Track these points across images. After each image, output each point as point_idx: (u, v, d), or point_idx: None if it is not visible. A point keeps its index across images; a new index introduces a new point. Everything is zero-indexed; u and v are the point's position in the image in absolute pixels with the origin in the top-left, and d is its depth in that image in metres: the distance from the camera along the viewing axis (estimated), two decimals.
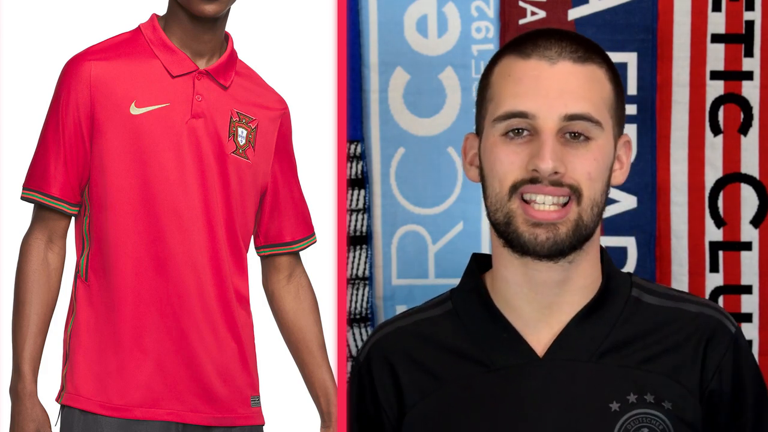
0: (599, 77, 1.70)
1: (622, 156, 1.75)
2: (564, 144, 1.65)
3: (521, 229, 1.66)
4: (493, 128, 1.68)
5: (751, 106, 2.43)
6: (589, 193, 1.66)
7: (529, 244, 1.66)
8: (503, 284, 1.73)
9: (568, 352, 1.69)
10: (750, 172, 2.43)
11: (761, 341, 2.43)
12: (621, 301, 1.73)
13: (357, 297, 2.43)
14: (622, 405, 1.67)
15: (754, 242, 2.44)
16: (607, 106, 1.70)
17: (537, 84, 1.67)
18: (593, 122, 1.66)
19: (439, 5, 2.43)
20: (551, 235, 1.65)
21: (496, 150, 1.67)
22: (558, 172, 1.64)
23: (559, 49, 1.68)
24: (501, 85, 1.70)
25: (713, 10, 2.42)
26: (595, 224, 1.69)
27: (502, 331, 1.72)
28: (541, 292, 1.71)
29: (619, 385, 1.68)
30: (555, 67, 1.67)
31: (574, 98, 1.66)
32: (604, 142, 1.68)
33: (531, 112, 1.65)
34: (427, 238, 2.45)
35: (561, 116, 1.65)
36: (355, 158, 2.42)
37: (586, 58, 1.69)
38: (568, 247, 1.66)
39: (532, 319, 1.71)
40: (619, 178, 1.75)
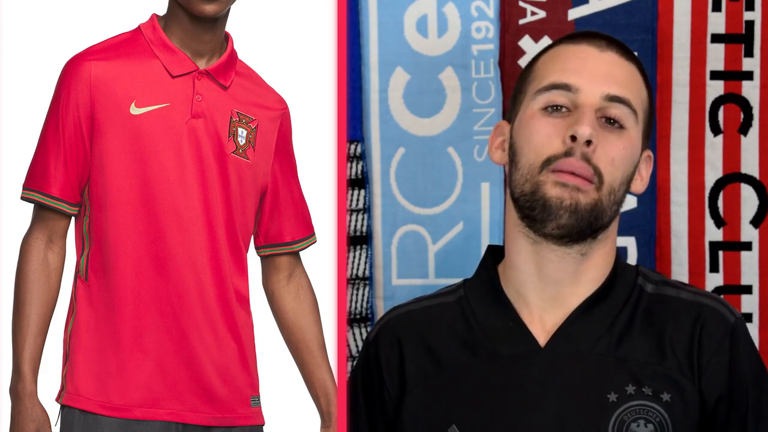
0: (640, 80, 1.77)
1: (642, 169, 1.79)
2: (600, 125, 1.69)
3: (549, 193, 1.67)
4: (534, 101, 1.72)
5: (751, 106, 2.43)
6: (609, 179, 1.69)
7: (554, 207, 1.67)
8: (514, 272, 1.75)
9: (569, 343, 1.71)
10: (750, 172, 2.43)
11: (761, 341, 2.43)
12: (626, 290, 1.75)
13: (357, 297, 2.43)
14: (620, 396, 1.68)
15: (754, 242, 2.44)
16: (642, 107, 1.75)
17: (584, 63, 1.72)
18: (631, 109, 1.71)
19: (439, 5, 2.43)
20: (574, 201, 1.67)
21: (534, 122, 1.71)
22: (592, 141, 1.66)
23: (608, 41, 1.75)
24: (547, 65, 1.75)
25: (713, 10, 2.42)
26: (612, 214, 1.71)
27: (508, 319, 1.74)
28: (550, 283, 1.73)
29: (617, 376, 1.69)
30: (603, 54, 1.74)
31: (618, 82, 1.71)
32: (635, 136, 1.73)
33: (575, 84, 1.69)
34: (427, 238, 2.44)
35: (603, 95, 1.69)
36: (355, 158, 2.42)
37: (631, 58, 1.76)
38: (585, 223, 1.68)
39: (538, 308, 1.74)
40: (638, 187, 1.79)
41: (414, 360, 1.78)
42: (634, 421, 1.67)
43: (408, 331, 1.80)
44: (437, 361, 1.76)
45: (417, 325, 1.81)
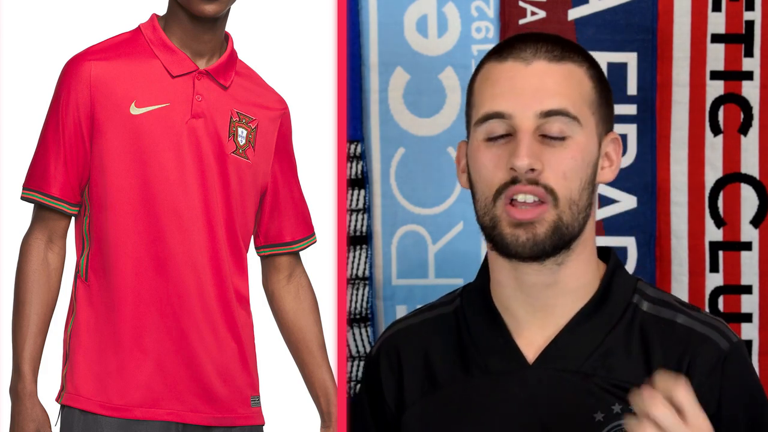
0: (577, 74, 1.70)
1: (611, 153, 1.74)
2: (541, 143, 1.66)
3: (505, 231, 1.66)
4: (476, 132, 1.70)
5: (751, 106, 2.43)
6: (565, 192, 1.66)
7: (512, 246, 1.66)
8: (498, 287, 1.74)
9: (556, 361, 1.69)
10: (750, 172, 2.43)
11: (761, 341, 2.43)
12: (618, 309, 1.72)
13: (357, 297, 2.43)
14: (607, 415, 1.66)
15: (754, 242, 2.44)
16: (587, 102, 1.69)
17: (512, 84, 1.68)
18: (570, 117, 1.66)
19: (439, 5, 2.43)
20: (530, 235, 1.65)
21: (479, 155, 1.69)
22: (534, 169, 1.64)
23: (534, 50, 1.69)
24: (480, 89, 1.71)
25: (713, 10, 2.42)
26: (579, 224, 1.68)
27: (499, 335, 1.72)
28: (532, 295, 1.71)
29: (604, 395, 1.67)
30: (530, 67, 1.68)
31: (550, 95, 1.66)
32: (584, 140, 1.68)
33: (507, 111, 1.66)
34: (427, 238, 2.44)
35: (537, 113, 1.65)
36: (355, 158, 2.42)
37: (563, 57, 1.69)
38: (549, 248, 1.66)
39: (525, 321, 1.72)
40: (608, 176, 1.74)
41: (412, 377, 1.77)
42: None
43: (407, 348, 1.79)
44: (434, 377, 1.75)
45: (415, 340, 1.79)
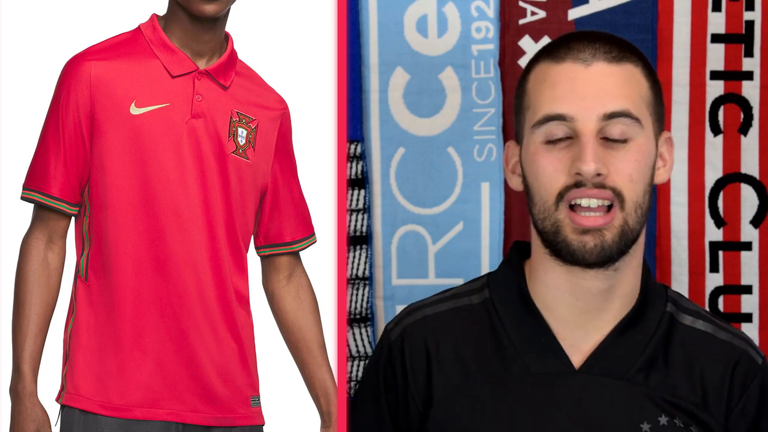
0: (635, 75, 1.68)
1: (665, 153, 1.73)
2: (604, 146, 1.64)
3: (570, 237, 1.64)
4: (533, 135, 1.67)
5: (751, 106, 2.43)
6: (632, 195, 1.64)
7: (578, 252, 1.64)
8: (543, 288, 1.71)
9: (603, 367, 1.68)
10: (750, 172, 2.44)
11: (761, 341, 2.43)
12: (656, 315, 1.72)
13: (357, 297, 2.43)
14: (653, 426, 1.66)
15: (754, 242, 2.44)
16: (646, 103, 1.68)
17: (573, 86, 1.65)
18: (633, 119, 1.65)
19: (439, 5, 2.43)
20: (598, 242, 1.63)
21: (538, 158, 1.66)
22: (601, 173, 1.62)
23: (593, 50, 1.67)
24: (537, 91, 1.68)
25: (713, 10, 2.42)
26: (641, 226, 1.67)
27: (541, 335, 1.70)
28: (584, 299, 1.69)
29: (650, 405, 1.67)
30: (590, 68, 1.66)
31: (612, 97, 1.65)
32: (645, 141, 1.67)
33: (569, 114, 1.64)
34: (427, 238, 2.44)
35: (600, 116, 1.63)
36: (355, 158, 2.42)
37: (621, 57, 1.67)
38: (616, 253, 1.65)
39: (570, 323, 1.70)
40: (663, 176, 1.73)
41: (442, 369, 1.72)
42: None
43: (436, 337, 1.74)
44: (466, 371, 1.71)
45: (445, 329, 1.75)
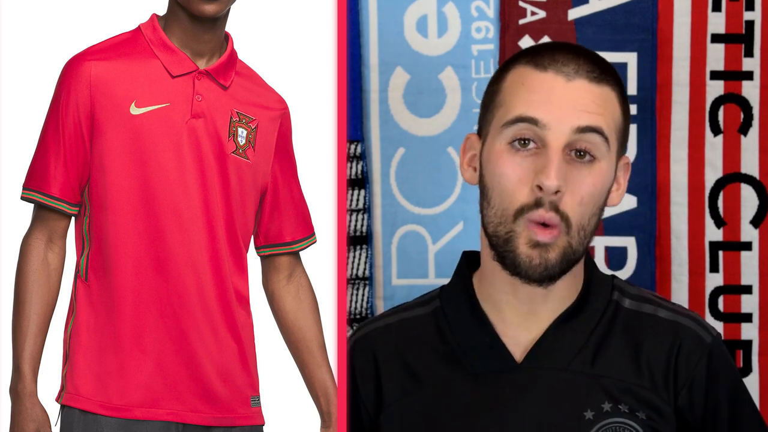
0: (612, 99, 1.69)
1: (620, 177, 1.75)
2: (568, 162, 1.65)
3: (520, 248, 1.65)
4: (501, 134, 1.67)
5: (751, 106, 2.43)
6: (577, 218, 1.66)
7: (523, 266, 1.65)
8: (489, 287, 1.74)
9: (544, 360, 1.70)
10: (750, 172, 2.44)
11: (761, 341, 2.43)
12: (600, 306, 1.74)
13: (357, 297, 2.43)
14: (596, 413, 1.67)
15: (754, 242, 2.44)
16: (616, 128, 1.69)
17: (551, 95, 1.66)
18: (603, 137, 1.65)
19: (439, 5, 2.43)
20: (543, 261, 1.65)
21: (501, 161, 1.66)
22: (559, 191, 1.63)
23: (576, 66, 1.67)
24: (513, 92, 1.68)
25: (713, 10, 2.42)
26: (584, 247, 1.69)
27: (485, 334, 1.72)
28: (525, 301, 1.72)
29: (593, 393, 1.68)
30: (571, 83, 1.66)
31: (588, 113, 1.65)
32: (607, 165, 1.68)
33: (542, 120, 1.64)
34: (427, 238, 2.45)
35: (573, 128, 1.64)
36: (355, 158, 2.42)
37: (601, 79, 1.68)
38: (557, 274, 1.67)
39: (513, 323, 1.72)
40: (615, 200, 1.75)
41: (391, 377, 1.76)
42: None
43: (384, 347, 1.78)
44: (415, 377, 1.74)
45: (393, 340, 1.79)
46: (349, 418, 1.81)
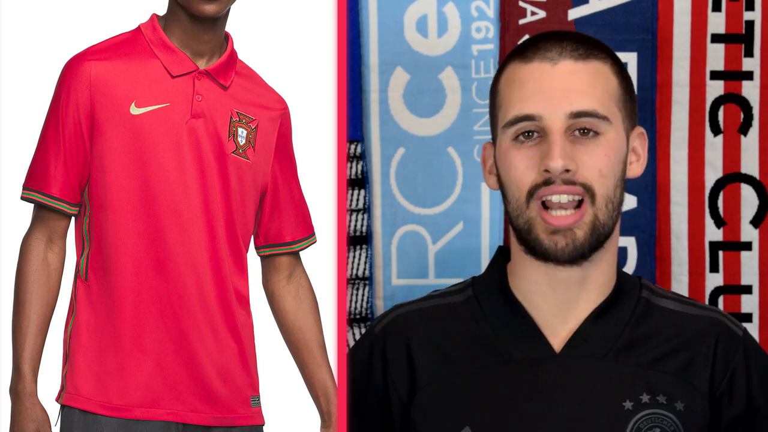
0: (603, 72, 1.72)
1: (638, 147, 1.77)
2: (573, 141, 1.68)
3: (541, 236, 1.68)
4: (504, 134, 1.71)
5: (751, 106, 2.43)
6: (602, 190, 1.68)
7: (550, 251, 1.68)
8: (522, 281, 1.76)
9: (583, 349, 1.72)
10: (750, 172, 2.44)
11: (761, 341, 2.43)
12: (632, 301, 1.76)
13: (357, 297, 2.43)
14: (635, 404, 1.69)
15: (754, 242, 2.44)
16: (614, 99, 1.71)
17: (540, 85, 1.69)
18: (600, 118, 1.68)
19: (439, 5, 2.43)
20: (570, 241, 1.67)
21: (509, 156, 1.70)
22: (569, 169, 1.66)
23: (560, 49, 1.70)
24: (507, 91, 1.73)
25: (713, 10, 2.42)
26: (613, 221, 1.71)
27: (522, 323, 1.74)
28: (561, 290, 1.73)
29: (632, 384, 1.70)
30: (557, 67, 1.69)
31: (579, 96, 1.68)
32: (614, 137, 1.70)
33: (537, 113, 1.68)
34: (427, 238, 2.44)
35: (566, 114, 1.67)
36: (355, 158, 2.42)
37: (588, 54, 1.71)
38: (588, 250, 1.69)
39: (549, 314, 1.74)
40: (636, 170, 1.77)
41: (424, 360, 1.76)
42: (649, 429, 1.68)
43: (416, 331, 1.79)
44: (449, 360, 1.75)
45: (426, 323, 1.80)
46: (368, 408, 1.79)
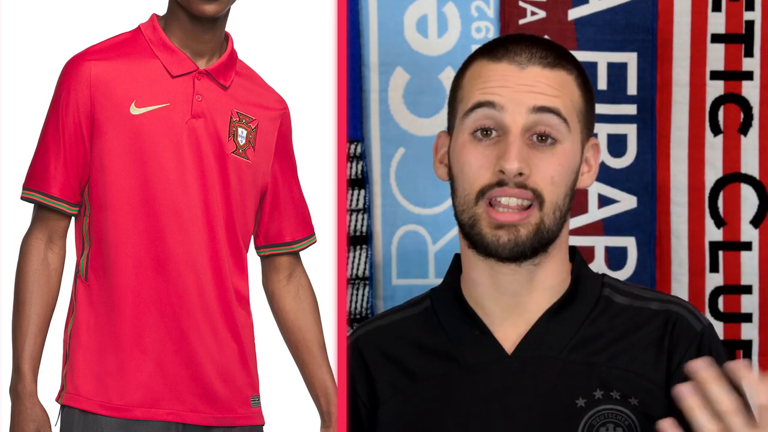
0: (568, 82, 1.73)
1: (591, 159, 1.78)
2: (530, 147, 1.68)
3: (484, 231, 1.68)
4: (462, 125, 1.71)
5: (751, 106, 2.43)
6: (551, 197, 1.69)
7: (492, 246, 1.68)
8: (471, 284, 1.76)
9: (536, 350, 1.72)
10: (750, 172, 2.44)
11: (761, 341, 2.43)
12: (590, 300, 1.76)
13: (357, 297, 2.43)
14: (588, 401, 1.69)
15: (754, 242, 2.44)
16: (576, 110, 1.73)
17: (505, 80, 1.70)
18: (561, 118, 1.69)
19: (439, 5, 2.43)
20: (512, 237, 1.68)
21: (465, 151, 1.70)
22: (523, 173, 1.66)
23: (529, 54, 1.71)
24: (471, 84, 1.73)
25: (713, 10, 2.42)
26: (558, 228, 1.71)
27: (474, 328, 1.74)
28: (507, 293, 1.74)
29: (585, 381, 1.70)
30: (524, 71, 1.70)
31: (543, 95, 1.69)
32: (570, 146, 1.71)
33: (498, 102, 1.68)
34: (427, 238, 2.45)
35: (529, 108, 1.67)
36: (355, 158, 2.42)
37: (556, 63, 1.72)
38: (529, 250, 1.69)
39: (499, 317, 1.74)
40: (587, 181, 1.78)
41: (381, 376, 1.78)
42: (602, 426, 1.68)
43: (371, 348, 1.81)
44: (407, 373, 1.76)
45: (382, 340, 1.81)
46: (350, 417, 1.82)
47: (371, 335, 1.84)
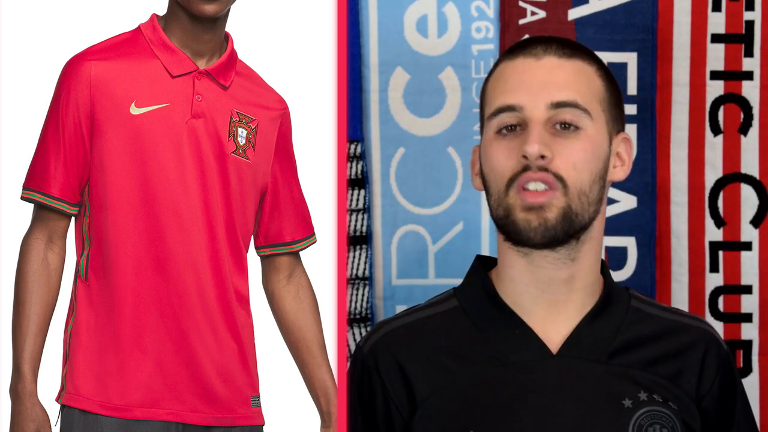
0: (587, 71, 1.74)
1: (622, 153, 1.78)
2: (554, 134, 1.69)
3: (518, 216, 1.69)
4: (488, 127, 1.73)
5: (751, 106, 2.43)
6: (575, 182, 1.69)
7: (524, 231, 1.69)
8: (509, 284, 1.76)
9: (579, 350, 1.72)
10: (750, 172, 2.44)
11: (761, 341, 2.43)
12: (623, 307, 1.78)
13: (357, 297, 2.43)
14: (635, 402, 1.70)
15: (754, 242, 2.44)
16: (598, 99, 1.73)
17: (522, 77, 1.71)
18: (581, 110, 1.70)
19: (439, 5, 2.43)
20: (542, 220, 1.68)
21: (491, 148, 1.72)
22: (545, 156, 1.67)
23: (545, 47, 1.73)
24: (493, 87, 1.75)
25: (713, 10, 2.42)
26: (589, 215, 1.71)
27: (514, 327, 1.74)
28: (548, 291, 1.74)
29: (630, 383, 1.71)
30: (540, 62, 1.72)
31: (560, 88, 1.70)
32: (595, 133, 1.71)
33: (518, 104, 1.70)
34: (427, 238, 2.44)
35: (547, 105, 1.69)
36: (355, 158, 2.42)
37: (572, 54, 1.74)
38: (560, 233, 1.69)
39: (539, 317, 1.74)
40: (619, 174, 1.78)
41: (419, 374, 1.75)
42: (650, 426, 1.69)
43: (406, 347, 1.77)
44: (446, 371, 1.74)
45: (415, 338, 1.78)
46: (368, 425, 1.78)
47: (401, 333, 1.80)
